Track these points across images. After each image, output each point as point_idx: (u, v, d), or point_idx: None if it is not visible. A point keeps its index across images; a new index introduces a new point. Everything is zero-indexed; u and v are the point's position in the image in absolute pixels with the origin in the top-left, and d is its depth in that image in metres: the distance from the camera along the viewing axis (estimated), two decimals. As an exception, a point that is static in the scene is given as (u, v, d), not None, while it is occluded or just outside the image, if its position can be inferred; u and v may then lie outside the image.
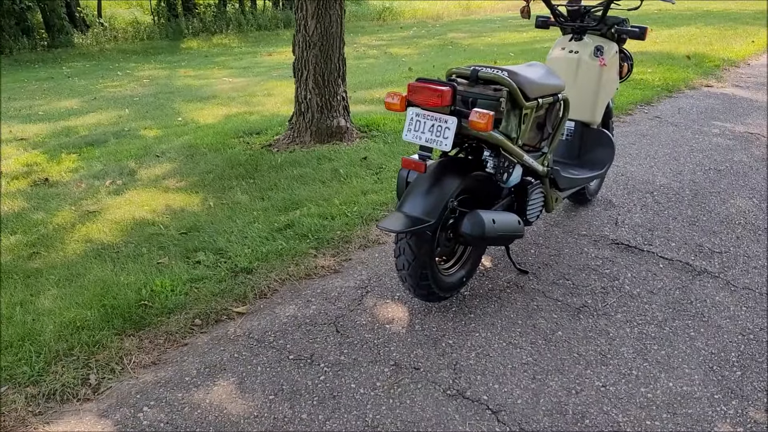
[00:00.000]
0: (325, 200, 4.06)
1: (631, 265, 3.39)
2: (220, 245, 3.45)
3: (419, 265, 2.70)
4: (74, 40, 17.92)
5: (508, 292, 3.13)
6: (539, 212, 3.20)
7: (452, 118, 2.57)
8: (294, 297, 3.05)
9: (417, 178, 2.71)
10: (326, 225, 3.69)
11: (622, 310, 3.00)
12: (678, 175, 4.70)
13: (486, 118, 2.50)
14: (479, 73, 2.79)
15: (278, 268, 3.24)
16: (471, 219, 2.69)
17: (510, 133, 2.82)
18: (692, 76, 8.05)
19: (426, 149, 2.70)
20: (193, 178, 4.65)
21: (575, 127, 3.72)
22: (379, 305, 3.00)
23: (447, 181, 2.69)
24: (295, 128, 5.42)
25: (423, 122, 2.64)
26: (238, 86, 9.61)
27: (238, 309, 2.91)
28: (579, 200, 4.07)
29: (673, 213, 4.05)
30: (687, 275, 3.31)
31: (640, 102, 6.82)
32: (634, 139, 5.57)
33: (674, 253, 3.53)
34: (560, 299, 3.08)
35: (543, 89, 2.94)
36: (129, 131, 6.68)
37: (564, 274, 3.29)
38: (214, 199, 4.19)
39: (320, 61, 5.15)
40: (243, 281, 3.11)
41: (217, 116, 7.28)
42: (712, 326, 2.89)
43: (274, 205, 4.01)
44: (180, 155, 5.30)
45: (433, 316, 2.92)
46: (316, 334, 2.77)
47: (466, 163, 2.85)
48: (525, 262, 3.41)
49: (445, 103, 2.54)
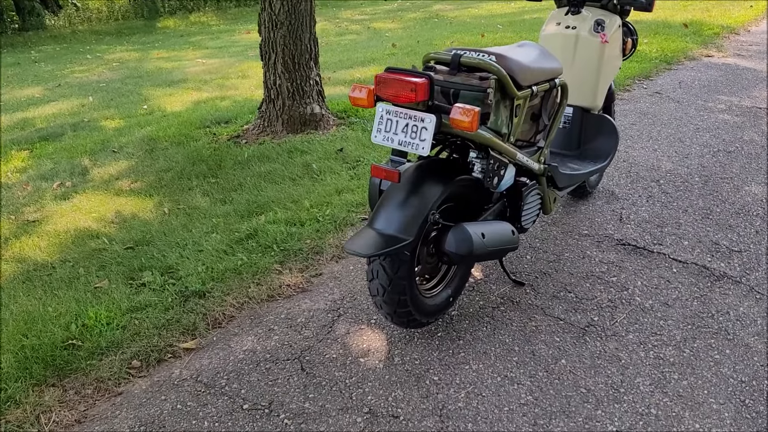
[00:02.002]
0: (295, 202, 3.60)
1: (641, 271, 2.98)
2: (170, 262, 3.00)
3: (396, 291, 2.27)
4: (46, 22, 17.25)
5: (502, 310, 2.71)
6: (536, 217, 2.77)
7: (430, 115, 2.12)
8: (253, 325, 2.62)
9: (391, 186, 2.27)
10: (294, 233, 3.24)
11: (634, 329, 2.59)
12: (685, 159, 4.27)
13: (471, 115, 2.05)
14: (461, 58, 2.33)
15: (236, 290, 2.80)
16: (456, 235, 2.26)
17: (500, 128, 2.38)
18: (691, 45, 7.58)
19: (400, 153, 2.25)
20: (150, 177, 4.19)
21: (574, 113, 3.28)
22: (352, 333, 2.57)
23: (427, 190, 2.25)
24: (265, 117, 4.95)
25: (395, 121, 2.19)
26: (212, 68, 9.08)
27: (186, 344, 2.48)
28: (578, 193, 3.64)
29: (682, 204, 3.63)
30: (705, 281, 2.90)
31: (638, 76, 6.36)
32: (635, 119, 5.12)
33: (688, 254, 3.12)
34: (562, 317, 2.66)
35: (538, 74, 2.49)
36: (89, 122, 6.18)
37: (565, 285, 2.88)
38: (171, 204, 3.73)
39: (289, 42, 4.66)
40: (194, 308, 2.67)
41: (185, 103, 6.78)
42: (739, 346, 2.48)
43: (236, 209, 3.56)
44: (139, 150, 4.83)
45: (416, 344, 2.50)
46: (277, 374, 2.34)
47: (450, 166, 2.41)
48: (520, 271, 2.99)
49: (421, 97, 2.08)
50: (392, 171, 2.17)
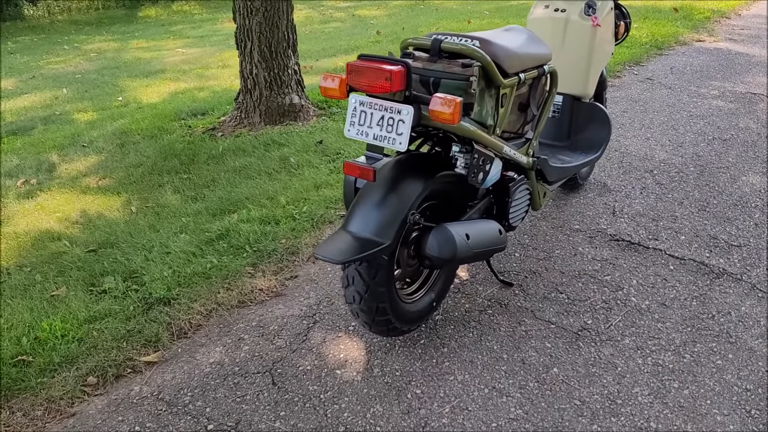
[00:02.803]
0: (270, 199, 3.41)
1: (636, 269, 2.81)
2: (134, 266, 2.80)
3: (373, 298, 2.09)
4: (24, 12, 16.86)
5: (490, 314, 2.53)
6: (524, 213, 2.59)
7: (407, 107, 1.93)
8: (222, 334, 2.43)
9: (366, 185, 2.08)
10: (269, 232, 3.04)
11: (630, 332, 2.42)
12: (679, 148, 4.10)
13: (452, 106, 1.86)
14: (442, 44, 2.14)
15: (204, 296, 2.61)
16: (437, 237, 2.07)
17: (485, 120, 2.19)
18: (682, 30, 7.41)
19: (375, 149, 2.06)
20: (119, 173, 3.97)
21: (564, 102, 3.09)
22: (329, 341, 2.39)
23: (405, 188, 2.06)
24: (242, 108, 4.73)
25: (369, 114, 2.00)
26: (192, 58, 8.82)
27: (147, 358, 2.28)
28: (569, 186, 3.46)
29: (678, 196, 3.46)
30: (704, 279, 2.74)
31: (628, 62, 6.18)
32: (626, 106, 4.95)
33: (685, 249, 2.95)
34: (554, 320, 2.49)
35: (525, 61, 2.30)
36: (60, 115, 5.93)
37: (557, 285, 2.70)
38: (139, 202, 3.52)
39: (265, 30, 4.44)
40: (157, 317, 2.47)
41: (162, 94, 6.54)
42: (742, 349, 2.32)
43: (208, 207, 3.35)
44: (109, 144, 4.60)
45: (397, 353, 2.32)
46: (246, 389, 2.16)
47: (431, 162, 2.22)
48: (509, 270, 2.81)
49: (397, 87, 1.89)
50: (367, 168, 1.98)
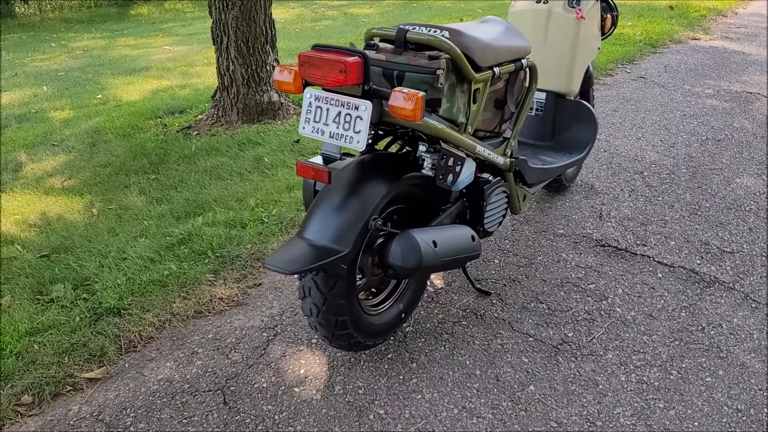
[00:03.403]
0: (239, 201, 3.23)
1: (622, 277, 2.64)
2: (87, 273, 2.63)
3: (332, 311, 1.92)
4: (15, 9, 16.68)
5: (464, 325, 2.36)
6: (502, 218, 2.42)
7: (365, 102, 1.76)
8: (175, 348, 2.26)
9: (325, 188, 1.91)
10: (234, 236, 2.87)
11: (613, 346, 2.25)
12: (671, 149, 3.94)
13: (413, 102, 1.69)
14: (408, 34, 1.97)
15: (158, 306, 2.43)
16: (401, 245, 1.90)
17: (456, 117, 2.02)
18: (677, 28, 7.25)
19: (332, 148, 1.89)
20: (86, 173, 3.79)
21: (547, 99, 2.92)
22: (289, 356, 2.21)
23: (367, 191, 1.89)
24: (219, 106, 4.56)
25: (325, 109, 1.82)
26: (178, 55, 8.64)
27: (90, 374, 2.11)
28: (554, 188, 3.30)
29: (669, 199, 3.29)
30: (694, 288, 2.57)
31: (621, 60, 6.02)
32: (617, 105, 4.78)
33: (675, 256, 2.78)
34: (532, 333, 2.32)
35: (500, 54, 2.13)
36: (36, 113, 5.75)
37: (537, 294, 2.53)
38: (102, 203, 3.34)
39: (242, 25, 4.27)
40: (105, 329, 2.30)
41: (143, 92, 6.36)
42: (733, 365, 2.16)
43: (173, 209, 3.18)
44: (80, 143, 4.42)
45: (362, 369, 2.15)
46: (194, 409, 1.98)
47: (397, 162, 2.05)
48: (487, 278, 2.64)
49: (353, 80, 1.72)
50: (321, 169, 1.81)
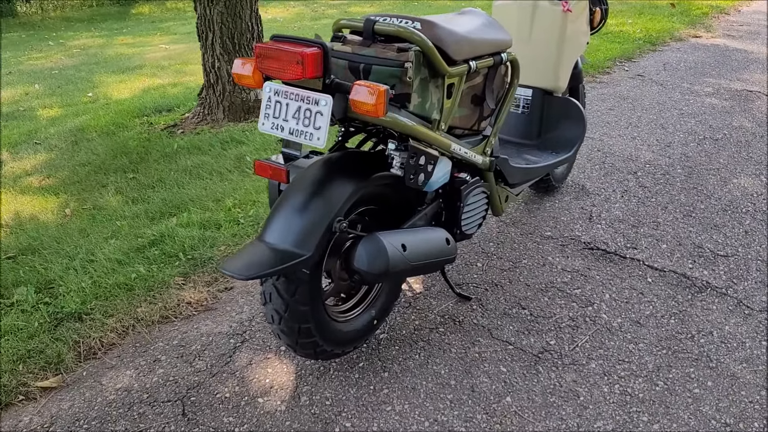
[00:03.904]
0: (217, 201, 3.13)
1: (610, 281, 2.53)
2: (52, 275, 2.53)
3: (294, 318, 1.81)
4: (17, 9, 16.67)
5: (441, 332, 2.25)
6: (481, 220, 2.30)
7: (325, 96, 1.65)
8: (137, 355, 2.16)
9: (288, 188, 1.80)
10: (207, 238, 2.77)
11: (597, 355, 2.14)
12: (667, 149, 3.82)
13: (375, 96, 1.59)
14: (376, 25, 1.86)
15: (122, 310, 2.33)
16: (367, 248, 1.79)
17: (428, 113, 1.91)
18: (678, 26, 7.12)
19: (292, 145, 1.78)
20: (64, 172, 3.70)
21: (534, 96, 2.81)
22: (255, 364, 2.11)
23: (332, 191, 1.79)
24: (205, 104, 4.46)
25: (285, 104, 1.72)
26: (174, 53, 8.56)
27: (45, 382, 2.01)
28: (543, 188, 3.18)
29: (662, 200, 3.18)
30: (684, 293, 2.46)
31: (619, 57, 5.90)
32: (613, 103, 4.66)
33: (666, 259, 2.67)
34: (512, 340, 2.21)
35: (477, 47, 2.02)
36: (24, 111, 5.67)
37: (519, 300, 2.42)
38: (76, 203, 3.25)
39: (227, 20, 4.17)
40: (64, 334, 2.20)
41: (134, 90, 6.28)
42: (723, 376, 2.04)
43: (148, 209, 3.08)
44: (63, 142, 4.33)
45: (331, 378, 2.04)
46: (151, 421, 1.88)
47: (366, 160, 1.94)
48: (468, 282, 2.53)
49: (311, 73, 1.61)
50: (279, 168, 1.70)
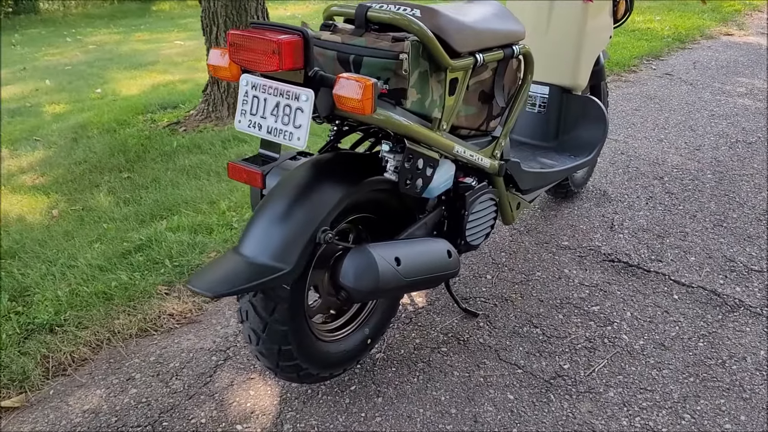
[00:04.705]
0: (211, 203, 2.95)
1: (632, 298, 2.30)
2: (29, 282, 2.37)
3: (273, 339, 1.62)
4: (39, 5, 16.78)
5: (444, 352, 2.05)
6: (489, 229, 2.09)
7: (307, 91, 1.45)
8: (110, 372, 1.98)
9: (269, 194, 1.61)
10: (197, 243, 2.59)
11: (616, 382, 1.92)
12: (696, 152, 3.56)
13: (362, 91, 1.38)
14: (369, 12, 1.66)
15: (99, 322, 2.16)
16: (354, 262, 1.59)
17: (429, 111, 1.70)
18: (709, 23, 6.82)
19: (271, 146, 1.59)
20: (59, 171, 3.55)
21: (551, 94, 2.59)
22: (237, 385, 1.92)
23: (318, 197, 1.59)
24: (210, 101, 4.29)
25: (263, 99, 1.52)
26: (188, 50, 8.44)
27: (6, 402, 1.84)
28: (561, 193, 2.96)
29: (690, 208, 2.93)
30: (714, 312, 2.22)
31: (646, 55, 5.63)
32: (639, 103, 4.41)
33: (694, 274, 2.43)
34: (522, 363, 1.99)
35: (484, 38, 1.80)
36: (31, 107, 5.57)
37: (531, 317, 2.21)
38: (66, 204, 3.09)
39: (232, 13, 4.00)
40: (33, 348, 2.03)
41: (144, 86, 6.15)
42: (758, 409, 1.81)
43: (139, 211, 2.91)
44: (63, 139, 4.20)
45: (318, 403, 1.85)
46: (116, 449, 1.70)
47: (360, 163, 1.74)
48: (476, 296, 2.32)
49: (289, 64, 1.41)
50: (254, 171, 1.51)
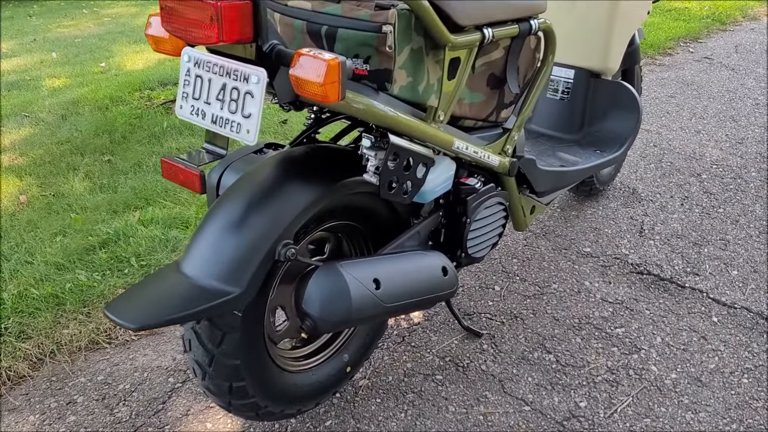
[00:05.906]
0: (192, 192, 2.66)
1: (663, 319, 1.97)
2: (-24, 281, 2.11)
3: (223, 374, 1.32)
4: (63, -24, 16.61)
5: (438, 381, 1.74)
6: (496, 238, 1.77)
7: (258, 71, 1.14)
8: (48, 394, 1.71)
9: (220, 199, 1.30)
10: (170, 239, 2.31)
11: (642, 427, 1.60)
12: (738, 146, 3.19)
13: (324, 72, 1.06)
14: (348, -27, 1.33)
15: (44, 331, 1.89)
16: (320, 285, 1.28)
17: (423, 98, 1.38)
18: (752, 2, 6.34)
19: (217, 139, 1.28)
20: (39, 151, 3.29)
21: (576, 78, 2.24)
22: (193, 415, 1.64)
23: (279, 203, 1.28)
24: (208, 77, 3.99)
25: (207, 80, 1.21)
26: (202, 24, 8.15)
27: None
28: (584, 190, 2.62)
29: (732, 212, 2.58)
30: (761, 340, 1.89)
31: (683, 37, 5.20)
32: (675, 89, 4.02)
33: (737, 291, 2.09)
34: (529, 399, 1.68)
35: (493, 9, 1.46)
36: (30, 81, 5.32)
37: (544, 339, 1.89)
38: (38, 189, 2.83)
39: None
40: (-36, 362, 1.77)
41: (149, 61, 5.88)
42: (816, 470, 1.48)
43: (113, 200, 2.63)
44: (52, 116, 3.93)
45: (284, 442, 1.56)
46: (40, 493, 1.43)
47: (339, 159, 1.43)
48: (480, 312, 2.01)
49: (232, 35, 1.09)
50: (190, 171, 1.21)
